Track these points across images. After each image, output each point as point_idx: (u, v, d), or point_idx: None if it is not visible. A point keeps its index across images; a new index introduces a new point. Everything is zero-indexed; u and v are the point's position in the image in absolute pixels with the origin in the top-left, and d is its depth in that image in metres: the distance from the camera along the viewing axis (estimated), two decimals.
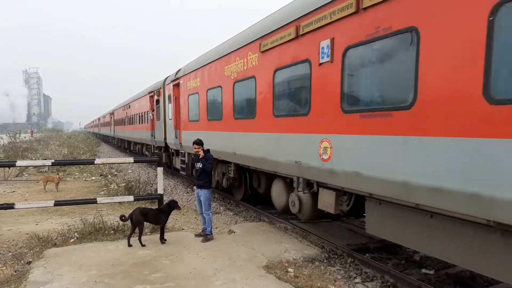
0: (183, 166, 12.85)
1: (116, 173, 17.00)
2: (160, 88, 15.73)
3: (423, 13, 3.97)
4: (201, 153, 6.85)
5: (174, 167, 14.88)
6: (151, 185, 11.79)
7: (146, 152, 20.79)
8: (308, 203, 6.45)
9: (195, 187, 7.04)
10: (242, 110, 8.36)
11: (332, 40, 5.29)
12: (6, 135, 29.82)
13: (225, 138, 9.15)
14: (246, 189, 9.59)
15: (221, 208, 10.10)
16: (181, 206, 7.35)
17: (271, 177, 7.86)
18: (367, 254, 6.07)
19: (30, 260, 5.80)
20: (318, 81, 5.67)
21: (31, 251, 6.30)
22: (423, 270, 5.50)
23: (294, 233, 7.30)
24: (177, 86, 13.31)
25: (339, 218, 6.88)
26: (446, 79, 3.77)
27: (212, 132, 9.89)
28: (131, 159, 8.58)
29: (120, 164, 19.39)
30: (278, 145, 6.78)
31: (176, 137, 13.40)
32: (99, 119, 60.60)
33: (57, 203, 7.64)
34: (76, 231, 7.13)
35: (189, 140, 9.60)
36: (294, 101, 6.49)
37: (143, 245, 6.33)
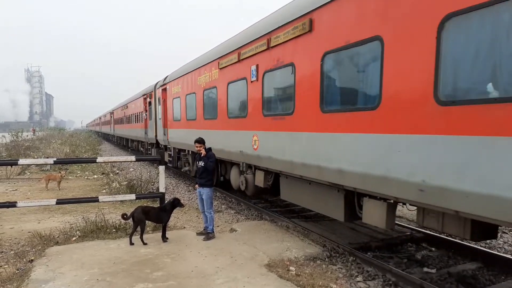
0: (170, 159, 15.05)
1: (118, 171, 17.03)
2: (152, 91, 17.76)
3: (296, 54, 6.27)
4: (203, 152, 6.86)
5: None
6: (152, 183, 11.80)
7: (141, 149, 22.43)
8: (251, 181, 8.61)
9: (197, 185, 7.05)
10: (209, 112, 10.44)
11: (257, 66, 7.53)
12: (9, 134, 29.90)
13: (198, 135, 9.92)
14: (218, 176, 11.16)
15: (223, 206, 10.10)
16: (184, 204, 7.41)
17: (229, 164, 10.03)
18: (368, 253, 6.07)
19: (32, 258, 5.81)
20: (251, 93, 7.86)
21: (33, 250, 6.32)
22: (425, 269, 5.48)
23: (295, 231, 7.29)
24: (164, 90, 15.32)
25: (272, 193, 8.87)
26: (305, 101, 6.08)
27: (190, 130, 12.09)
28: (133, 158, 8.59)
29: (122, 163, 19.44)
30: (230, 139, 8.97)
31: (164, 134, 15.41)
32: (100, 118, 62.85)
33: (59, 202, 7.66)
34: (78, 230, 7.15)
35: (175, 137, 13.74)
36: (238, 106, 8.65)
37: (144, 244, 6.34)
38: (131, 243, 6.34)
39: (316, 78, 5.63)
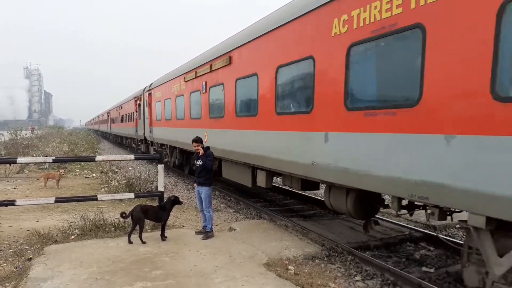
0: (155, 153, 17.56)
1: (116, 170, 17.01)
2: (141, 95, 20.47)
3: (224, 78, 9.14)
4: (201, 151, 6.85)
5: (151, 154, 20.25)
6: (151, 182, 11.80)
7: (133, 145, 25.71)
8: None
9: (195, 184, 7.04)
10: (179, 114, 13.30)
11: (206, 82, 10.36)
12: (7, 132, 29.85)
13: (173, 132, 14.27)
14: (190, 165, 13.71)
15: (222, 205, 10.10)
16: (182, 201, 7.45)
17: (191, 154, 12.34)
18: (367, 252, 6.07)
19: (31, 256, 5.81)
20: (203, 101, 10.67)
21: (32, 248, 6.32)
22: (424, 268, 5.49)
23: (294, 230, 7.30)
24: (150, 94, 18.29)
25: (216, 174, 10.33)
26: (230, 109, 8.88)
27: (167, 128, 15.06)
28: (132, 156, 8.58)
29: (121, 161, 19.42)
30: (191, 135, 10.47)
31: (150, 132, 18.40)
32: (98, 117, 65.39)
33: (58, 200, 7.65)
34: (77, 228, 7.14)
35: (158, 134, 16.89)
36: (196, 110, 11.37)
37: (143, 242, 6.33)
38: (130, 242, 6.34)
39: (234, 94, 8.59)
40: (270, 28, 7.08)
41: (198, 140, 6.94)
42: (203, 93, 10.57)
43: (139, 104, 20.86)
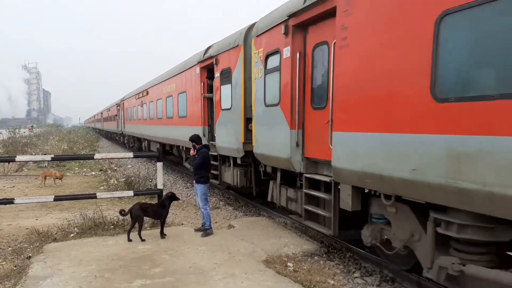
0: (127, 141, 28.13)
1: (115, 168, 17.00)
2: (119, 102, 29.84)
3: (147, 100, 18.86)
4: (191, 151, 6.99)
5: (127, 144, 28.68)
6: (150, 180, 11.80)
7: (117, 138, 35.70)
8: (147, 145, 20.60)
9: (194, 181, 7.05)
10: (136, 117, 21.80)
11: (142, 101, 20.09)
12: (6, 130, 29.79)
13: (135, 127, 22.93)
14: (143, 147, 21.80)
15: (221, 203, 10.11)
16: (180, 198, 7.46)
17: (147, 141, 20.34)
18: (366, 249, 6.07)
19: (30, 255, 5.81)
20: (143, 110, 19.96)
21: (31, 246, 6.32)
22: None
23: (293, 227, 7.31)
24: (123, 103, 27.95)
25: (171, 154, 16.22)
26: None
27: (136, 125, 22.70)
28: (131, 154, 8.57)
29: (120, 159, 19.41)
30: (143, 129, 17.60)
31: (124, 127, 27.71)
32: (94, 116, 72.22)
33: (57, 198, 7.66)
34: (76, 226, 7.14)
35: (130, 128, 25.15)
36: (143, 115, 19.57)
37: (142, 240, 6.34)
38: (129, 240, 6.34)
39: (154, 109, 16.35)
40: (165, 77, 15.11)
41: (193, 140, 6.99)
42: (142, 106, 20.06)
43: (119, 109, 30.05)
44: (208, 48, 10.21)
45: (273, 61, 6.76)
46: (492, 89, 3.24)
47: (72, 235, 6.79)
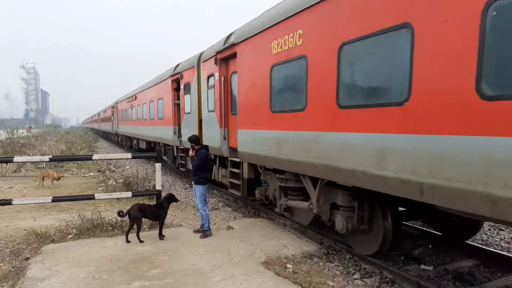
0: (119, 140, 30.91)
1: (114, 169, 16.96)
2: (114, 105, 32.64)
3: (135, 104, 20.78)
4: (190, 152, 6.96)
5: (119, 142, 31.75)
6: (149, 181, 11.77)
7: (112, 137, 38.21)
8: (136, 143, 22.89)
9: (193, 182, 7.02)
10: (133, 118, 22.10)
11: (131, 104, 22.84)
12: (4, 131, 29.71)
13: (127, 127, 25.23)
14: (134, 146, 23.56)
15: (220, 204, 10.09)
16: (178, 199, 7.48)
17: (136, 140, 22.81)
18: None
19: (28, 256, 5.78)
20: (131, 113, 23.10)
21: (29, 247, 6.29)
22: (422, 266, 5.50)
23: (292, 229, 7.29)
24: (117, 105, 30.53)
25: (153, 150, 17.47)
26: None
27: (126, 126, 25.50)
28: (129, 155, 8.53)
29: (118, 160, 19.37)
30: (131, 129, 21.95)
31: (118, 128, 30.30)
32: (92, 117, 75.80)
33: (55, 199, 7.61)
34: (74, 227, 7.11)
35: (122, 128, 27.75)
36: (132, 117, 22.66)
37: (141, 241, 6.31)
38: (128, 241, 6.31)
39: (135, 113, 19.82)
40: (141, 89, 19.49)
41: (191, 140, 6.95)
42: (132, 108, 22.63)
43: (113, 111, 32.89)
44: (177, 65, 13.12)
45: (211, 81, 9.62)
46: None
47: (70, 236, 6.76)
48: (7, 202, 7.11)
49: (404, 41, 4.02)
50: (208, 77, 9.75)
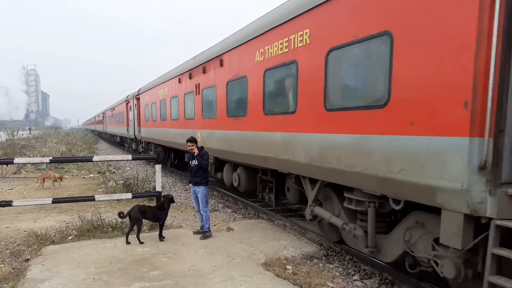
0: (144, 149, 26.90)
1: (114, 170, 16.97)
2: (104, 112, 41.63)
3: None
4: (195, 151, 6.80)
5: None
6: (149, 182, 11.77)
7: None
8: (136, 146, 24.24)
9: (191, 184, 7.00)
10: (126, 120, 25.03)
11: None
12: (4, 133, 29.72)
13: (111, 129, 35.50)
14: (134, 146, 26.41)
15: (220, 205, 10.09)
16: (177, 201, 7.48)
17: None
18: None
19: (28, 257, 5.78)
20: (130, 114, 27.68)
21: (29, 249, 6.29)
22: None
23: (292, 230, 7.30)
24: (107, 112, 38.47)
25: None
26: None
27: (116, 128, 31.53)
28: (129, 157, 8.56)
29: (118, 162, 19.39)
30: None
31: (106, 129, 39.87)
32: (90, 119, 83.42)
33: (55, 201, 7.62)
34: (74, 229, 7.11)
35: (109, 129, 38.54)
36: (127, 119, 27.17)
37: (141, 243, 6.32)
38: (128, 242, 6.32)
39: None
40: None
41: (192, 140, 6.84)
42: (130, 110, 24.27)
43: (103, 116, 41.79)
44: (127, 96, 21.96)
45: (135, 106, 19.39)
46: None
47: (70, 237, 6.77)
48: (8, 204, 7.12)
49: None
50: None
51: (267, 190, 8.54)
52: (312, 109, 5.55)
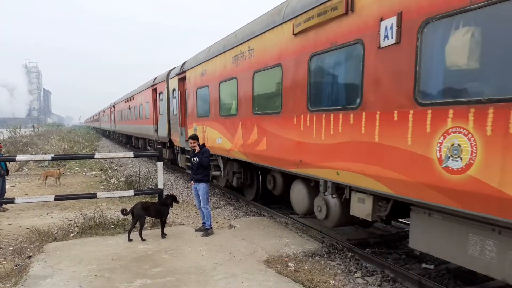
0: (117, 137, 35.10)
1: (116, 167, 17.00)
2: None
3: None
4: (197, 148, 6.80)
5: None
6: (151, 179, 11.79)
7: (110, 135, 43.24)
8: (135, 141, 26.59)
9: (192, 182, 7.00)
10: (127, 118, 25.75)
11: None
12: (6, 130, 29.80)
13: (126, 127, 26.81)
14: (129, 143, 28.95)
15: (222, 203, 10.10)
16: (180, 200, 7.52)
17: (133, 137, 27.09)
18: (367, 249, 6.08)
19: (31, 254, 5.81)
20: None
21: (32, 246, 6.32)
22: (423, 265, 5.50)
23: (294, 227, 7.30)
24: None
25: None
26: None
27: (132, 125, 24.21)
28: (131, 154, 8.55)
29: (120, 159, 19.42)
30: (133, 128, 23.96)
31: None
32: (93, 116, 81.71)
33: (57, 198, 7.64)
34: (77, 226, 7.14)
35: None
36: (133, 115, 24.21)
37: (143, 240, 6.33)
38: (130, 239, 6.34)
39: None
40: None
41: (194, 137, 6.84)
42: (129, 109, 24.83)
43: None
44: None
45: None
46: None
47: (72, 234, 6.79)
48: (10, 201, 7.15)
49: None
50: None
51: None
52: None
